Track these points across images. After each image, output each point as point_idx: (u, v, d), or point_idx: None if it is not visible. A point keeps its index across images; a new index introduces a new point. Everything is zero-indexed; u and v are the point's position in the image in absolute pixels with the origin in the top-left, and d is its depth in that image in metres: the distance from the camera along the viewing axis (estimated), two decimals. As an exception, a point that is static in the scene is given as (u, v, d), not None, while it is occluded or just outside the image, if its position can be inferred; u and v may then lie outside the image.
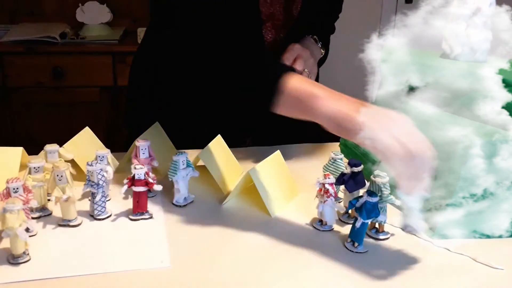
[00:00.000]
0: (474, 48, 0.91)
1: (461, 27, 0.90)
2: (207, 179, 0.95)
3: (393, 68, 0.92)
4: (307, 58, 1.08)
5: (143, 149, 0.92)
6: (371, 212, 0.77)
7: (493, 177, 0.80)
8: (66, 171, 0.82)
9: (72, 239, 0.79)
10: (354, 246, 0.79)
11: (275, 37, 1.11)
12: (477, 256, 0.78)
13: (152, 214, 0.86)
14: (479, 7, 0.89)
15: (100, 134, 1.06)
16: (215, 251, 0.78)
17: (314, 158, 1.11)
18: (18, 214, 0.71)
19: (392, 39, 0.89)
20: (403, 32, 0.88)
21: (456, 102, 0.88)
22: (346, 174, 0.87)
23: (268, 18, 1.08)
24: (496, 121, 0.83)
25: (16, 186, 0.76)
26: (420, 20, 0.88)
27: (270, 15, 1.08)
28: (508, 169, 0.80)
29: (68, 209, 0.82)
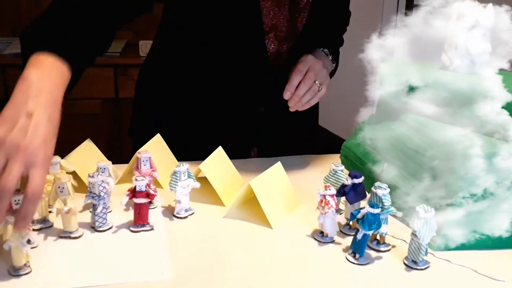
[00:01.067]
0: (474, 61, 0.91)
1: (460, 39, 0.91)
2: (208, 191, 0.96)
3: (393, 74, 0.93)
4: (319, 70, 1.09)
5: (144, 161, 0.92)
6: (373, 223, 0.77)
7: (493, 177, 0.80)
8: (68, 183, 0.82)
9: (73, 251, 0.79)
10: (356, 257, 0.79)
11: (278, 48, 1.12)
12: (479, 268, 0.78)
13: (153, 226, 0.86)
14: (478, 20, 0.90)
15: (102, 146, 1.06)
16: (216, 263, 0.78)
17: (315, 170, 1.12)
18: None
19: (392, 39, 0.89)
20: (403, 32, 0.89)
21: (456, 102, 0.88)
22: (347, 185, 0.87)
23: (270, 29, 1.09)
24: (496, 121, 0.83)
25: (17, 198, 0.76)
26: (420, 20, 0.88)
27: (273, 26, 1.09)
28: (508, 169, 0.80)
29: (69, 221, 0.82)
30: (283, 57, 1.14)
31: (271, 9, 1.07)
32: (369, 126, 1.05)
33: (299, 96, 1.06)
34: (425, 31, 0.89)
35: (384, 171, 0.93)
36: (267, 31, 1.09)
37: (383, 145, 0.97)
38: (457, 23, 0.91)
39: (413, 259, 0.78)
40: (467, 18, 0.90)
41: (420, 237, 0.76)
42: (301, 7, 1.10)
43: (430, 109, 0.89)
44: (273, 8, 1.07)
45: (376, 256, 0.81)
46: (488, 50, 0.91)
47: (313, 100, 1.09)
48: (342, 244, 0.84)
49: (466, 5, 0.90)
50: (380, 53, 0.90)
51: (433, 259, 0.80)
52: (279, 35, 1.11)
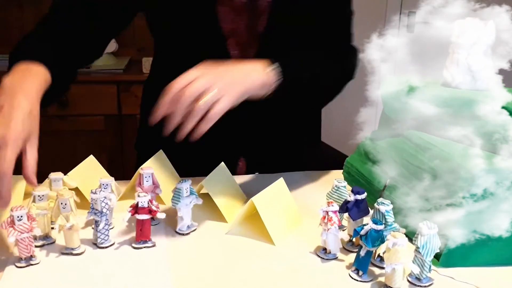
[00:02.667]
0: (475, 77, 0.92)
1: (462, 56, 0.92)
2: (210, 207, 0.95)
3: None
4: (212, 82, 0.88)
5: (146, 177, 0.92)
6: (377, 240, 0.77)
7: (493, 177, 0.80)
8: (70, 199, 0.82)
9: (75, 267, 0.79)
10: (359, 274, 0.79)
11: (242, 54, 1.10)
12: (482, 285, 0.77)
13: (155, 242, 0.86)
14: (479, 36, 0.90)
15: (104, 162, 1.06)
16: (218, 280, 0.77)
17: (318, 186, 1.11)
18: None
19: (392, 39, 0.89)
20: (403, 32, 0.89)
21: (456, 102, 0.88)
22: (349, 201, 0.87)
23: (230, 34, 1.08)
24: (496, 121, 0.83)
25: (20, 214, 0.76)
26: (420, 20, 0.89)
27: (232, 31, 1.07)
28: (508, 169, 0.80)
29: (72, 237, 0.82)
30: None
31: (229, 14, 1.06)
32: (369, 142, 1.05)
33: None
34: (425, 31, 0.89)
35: (387, 187, 0.93)
36: (226, 36, 1.08)
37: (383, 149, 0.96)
38: (459, 40, 0.92)
39: (416, 276, 0.78)
40: (468, 35, 0.91)
41: (423, 254, 0.76)
42: (261, 10, 1.07)
43: (430, 109, 0.88)
44: (230, 13, 1.06)
45: (379, 273, 0.80)
46: (490, 66, 0.91)
47: (203, 125, 0.85)
48: (345, 261, 0.84)
49: (467, 22, 0.91)
50: (380, 53, 0.90)
51: (437, 276, 0.79)
52: (240, 41, 1.09)
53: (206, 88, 0.83)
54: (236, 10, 1.06)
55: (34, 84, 0.87)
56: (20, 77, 0.86)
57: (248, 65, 0.94)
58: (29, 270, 0.78)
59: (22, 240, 0.77)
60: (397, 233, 0.75)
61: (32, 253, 0.79)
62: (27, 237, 0.77)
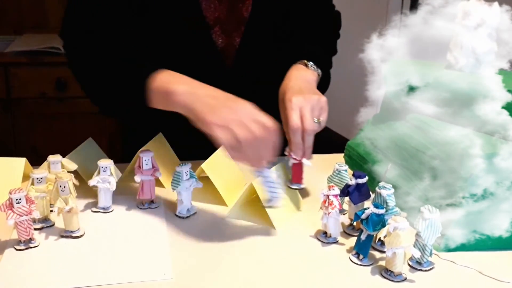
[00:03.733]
0: (479, 60, 0.91)
1: (466, 38, 0.90)
2: (210, 190, 0.95)
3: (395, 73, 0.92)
4: (312, 108, 0.92)
5: (146, 160, 0.92)
6: (377, 224, 0.77)
7: (493, 177, 0.79)
8: (69, 181, 0.81)
9: (74, 250, 0.79)
10: (359, 258, 0.78)
11: (227, 42, 1.09)
12: (484, 269, 0.77)
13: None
14: (483, 18, 0.89)
15: (103, 144, 1.05)
16: (218, 263, 0.77)
17: (318, 170, 1.11)
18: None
19: (392, 39, 0.89)
20: (403, 32, 0.88)
21: (456, 102, 0.87)
22: (350, 185, 0.87)
23: (215, 22, 1.06)
24: (496, 121, 0.82)
25: (19, 197, 0.76)
26: (420, 20, 0.88)
27: (216, 19, 1.06)
28: (508, 169, 0.79)
29: (71, 220, 0.82)
30: (236, 51, 1.10)
31: (211, 2, 1.05)
32: (371, 126, 1.04)
33: (310, 148, 0.93)
34: (426, 31, 0.89)
35: (388, 171, 0.92)
36: (211, 25, 1.06)
37: (385, 145, 0.96)
38: (463, 22, 0.90)
39: (417, 260, 0.78)
40: (473, 17, 0.89)
41: (424, 238, 0.75)
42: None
43: (430, 109, 0.88)
44: (213, 1, 1.05)
45: (380, 257, 0.80)
46: (494, 49, 0.90)
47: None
48: (346, 244, 0.83)
49: (471, 4, 0.89)
50: (380, 53, 0.89)
51: (438, 260, 0.79)
52: (226, 29, 1.08)
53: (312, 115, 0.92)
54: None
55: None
56: (187, 81, 0.88)
57: (302, 68, 1.06)
58: (28, 253, 0.77)
59: (21, 223, 0.77)
60: (398, 217, 0.75)
61: (31, 235, 0.78)
62: (26, 219, 0.77)
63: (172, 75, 0.90)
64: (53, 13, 2.63)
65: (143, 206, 0.92)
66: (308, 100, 0.92)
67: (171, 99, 0.86)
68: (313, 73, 1.06)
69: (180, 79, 0.89)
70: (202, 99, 0.84)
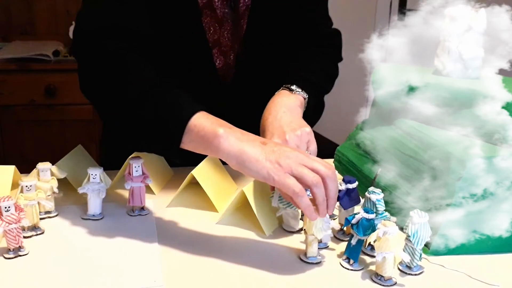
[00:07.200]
0: (466, 65, 0.92)
1: (453, 44, 0.91)
2: (201, 196, 0.95)
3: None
4: (302, 144, 0.94)
5: (136, 167, 0.91)
6: (368, 228, 0.77)
7: (493, 177, 0.80)
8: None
9: (65, 259, 0.78)
10: (350, 263, 0.79)
11: (224, 63, 1.09)
12: (473, 273, 0.77)
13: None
14: (470, 24, 0.90)
15: (93, 151, 1.05)
16: (209, 269, 0.77)
17: (308, 175, 1.11)
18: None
19: (392, 39, 0.89)
20: (403, 32, 0.88)
21: (456, 102, 0.87)
22: (341, 191, 0.87)
23: (213, 44, 1.07)
24: (496, 121, 0.83)
25: (7, 205, 0.75)
26: (420, 20, 0.88)
27: (215, 41, 1.06)
28: (508, 169, 0.80)
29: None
30: (230, 71, 1.11)
31: (211, 25, 1.05)
32: (360, 131, 1.05)
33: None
34: (423, 31, 0.89)
35: (378, 176, 0.93)
36: (212, 46, 1.07)
37: (378, 148, 0.96)
38: (450, 28, 0.91)
39: (407, 264, 0.78)
40: (460, 22, 0.90)
41: (414, 242, 0.76)
42: (241, 13, 1.07)
43: (430, 109, 0.88)
44: (213, 24, 1.05)
45: (370, 261, 0.80)
46: (481, 55, 0.91)
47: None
48: (336, 249, 0.84)
49: (458, 9, 0.90)
50: (378, 54, 0.90)
51: (428, 264, 0.80)
52: (224, 50, 1.08)
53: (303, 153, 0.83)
54: (219, 21, 1.05)
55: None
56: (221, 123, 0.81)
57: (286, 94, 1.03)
58: (18, 261, 0.77)
59: (10, 231, 0.76)
60: (388, 221, 0.75)
61: (21, 244, 0.78)
62: (15, 228, 0.76)
63: (208, 116, 0.83)
64: (41, 20, 2.62)
65: (133, 213, 0.92)
66: (292, 140, 0.91)
67: (213, 142, 0.79)
68: (297, 98, 1.03)
69: (218, 121, 0.82)
70: (249, 140, 0.79)
